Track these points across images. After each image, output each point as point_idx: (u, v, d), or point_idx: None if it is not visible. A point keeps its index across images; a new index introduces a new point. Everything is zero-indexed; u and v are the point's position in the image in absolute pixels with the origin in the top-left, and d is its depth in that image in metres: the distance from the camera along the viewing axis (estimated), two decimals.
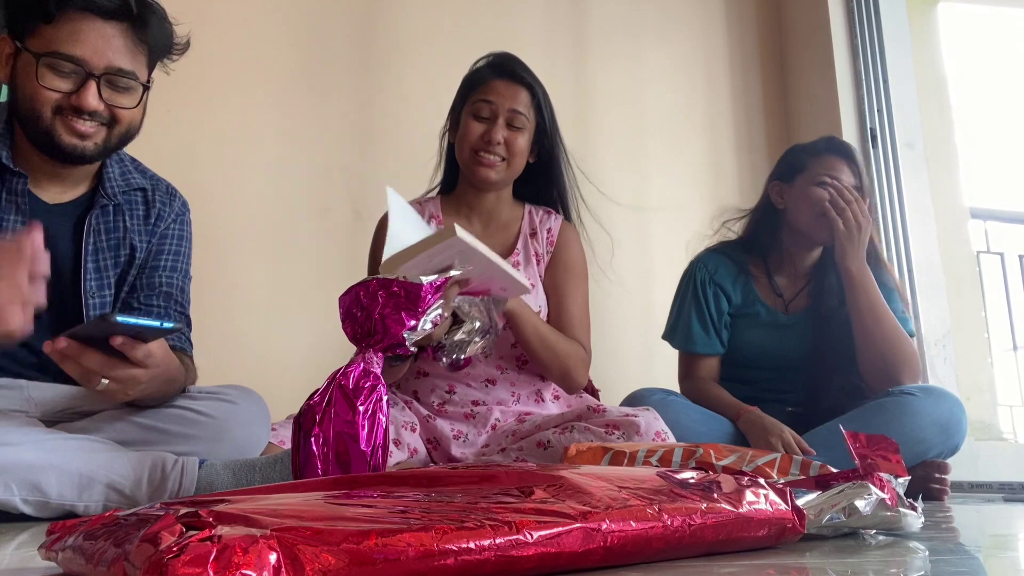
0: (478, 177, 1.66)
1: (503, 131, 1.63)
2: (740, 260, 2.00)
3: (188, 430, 1.32)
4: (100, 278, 1.39)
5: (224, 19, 2.32)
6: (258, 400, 1.43)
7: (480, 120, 1.64)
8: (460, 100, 1.73)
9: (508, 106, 1.63)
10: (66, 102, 1.27)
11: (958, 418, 1.76)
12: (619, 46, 2.91)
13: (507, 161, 1.65)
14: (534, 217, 1.77)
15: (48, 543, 0.68)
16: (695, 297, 1.97)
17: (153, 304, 1.44)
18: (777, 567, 0.72)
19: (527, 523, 0.62)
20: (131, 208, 1.44)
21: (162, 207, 1.48)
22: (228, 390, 1.41)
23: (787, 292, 1.97)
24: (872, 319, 1.83)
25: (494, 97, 1.63)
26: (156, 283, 1.44)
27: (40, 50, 1.25)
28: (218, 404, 1.36)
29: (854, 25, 2.88)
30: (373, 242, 1.78)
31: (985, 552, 0.90)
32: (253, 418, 1.39)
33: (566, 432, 1.53)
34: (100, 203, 1.40)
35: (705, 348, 1.95)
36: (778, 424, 1.71)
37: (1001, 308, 3.47)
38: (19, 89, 1.29)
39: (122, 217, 1.43)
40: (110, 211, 1.42)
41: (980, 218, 3.50)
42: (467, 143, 1.64)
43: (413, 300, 1.03)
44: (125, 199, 1.44)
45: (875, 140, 2.79)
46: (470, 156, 1.64)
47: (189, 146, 2.21)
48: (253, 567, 0.50)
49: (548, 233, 1.75)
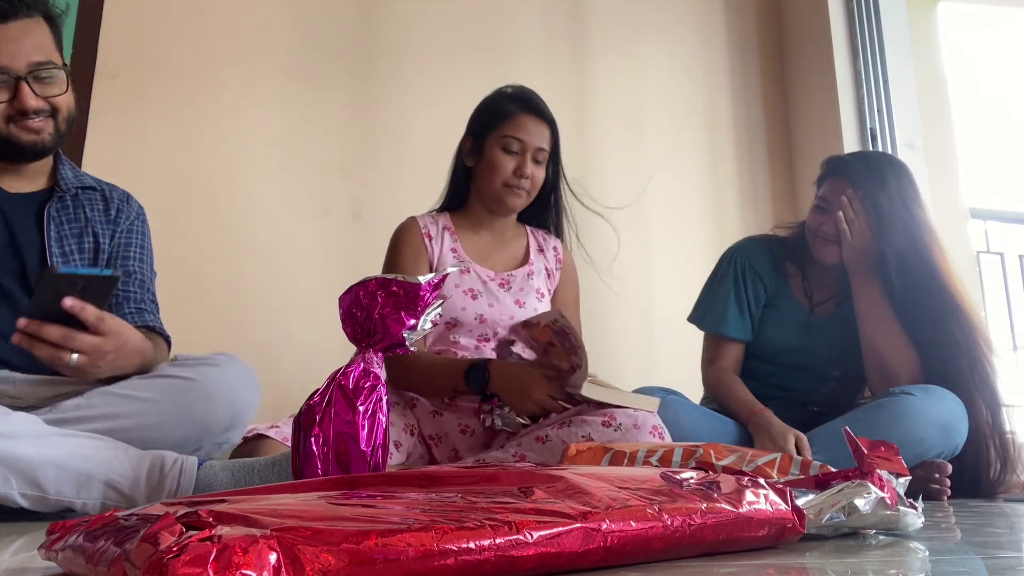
0: (507, 207, 1.78)
1: (531, 166, 1.75)
2: (779, 255, 2.02)
3: (178, 397, 1.34)
4: (68, 262, 1.44)
5: (224, 19, 2.32)
6: (244, 365, 1.44)
7: (510, 154, 1.74)
8: (483, 128, 1.79)
9: (536, 144, 1.75)
10: (10, 110, 1.36)
11: (958, 419, 1.76)
12: (619, 46, 2.91)
13: (528, 192, 1.78)
14: (536, 235, 1.89)
15: (48, 543, 0.68)
16: (734, 280, 1.98)
17: (130, 290, 1.49)
18: (777, 567, 0.72)
19: (527, 523, 0.62)
20: (90, 203, 1.52)
21: (121, 204, 1.55)
22: (214, 356, 1.43)
23: (817, 295, 1.99)
24: (873, 321, 1.85)
25: (525, 136, 1.74)
26: (130, 270, 1.51)
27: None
28: (204, 369, 1.38)
29: (854, 25, 2.89)
30: (393, 248, 1.80)
31: (985, 552, 0.90)
32: (240, 381, 1.41)
33: (564, 427, 1.55)
34: (58, 195, 1.47)
35: (737, 332, 1.96)
36: (787, 430, 1.71)
37: (1001, 308, 3.47)
38: None
39: (82, 209, 1.50)
40: (68, 202, 1.49)
41: (980, 218, 3.50)
42: (499, 176, 1.75)
43: (412, 299, 1.03)
44: (83, 194, 1.51)
45: (875, 140, 2.79)
46: (501, 188, 1.75)
47: (189, 146, 2.21)
48: (253, 567, 0.50)
49: (555, 252, 1.89)
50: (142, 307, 1.50)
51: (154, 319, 1.51)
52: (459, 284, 1.74)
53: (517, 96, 1.80)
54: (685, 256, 2.80)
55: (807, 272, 2.00)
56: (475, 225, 1.83)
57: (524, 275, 1.81)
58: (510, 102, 1.78)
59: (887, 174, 1.90)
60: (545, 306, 1.81)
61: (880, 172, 1.90)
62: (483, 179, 1.78)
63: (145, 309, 1.50)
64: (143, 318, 1.49)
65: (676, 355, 2.06)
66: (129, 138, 2.14)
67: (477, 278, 1.76)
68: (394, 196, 2.43)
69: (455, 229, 1.82)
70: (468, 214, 1.84)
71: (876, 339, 1.87)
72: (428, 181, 1.93)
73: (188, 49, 2.24)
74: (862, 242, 1.86)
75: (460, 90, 2.59)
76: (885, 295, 1.87)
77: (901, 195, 1.88)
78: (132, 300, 1.49)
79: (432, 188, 1.92)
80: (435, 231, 1.79)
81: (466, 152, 1.82)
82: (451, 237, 1.79)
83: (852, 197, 1.87)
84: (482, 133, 1.78)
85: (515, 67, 2.67)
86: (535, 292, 1.80)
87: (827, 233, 1.90)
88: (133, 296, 1.49)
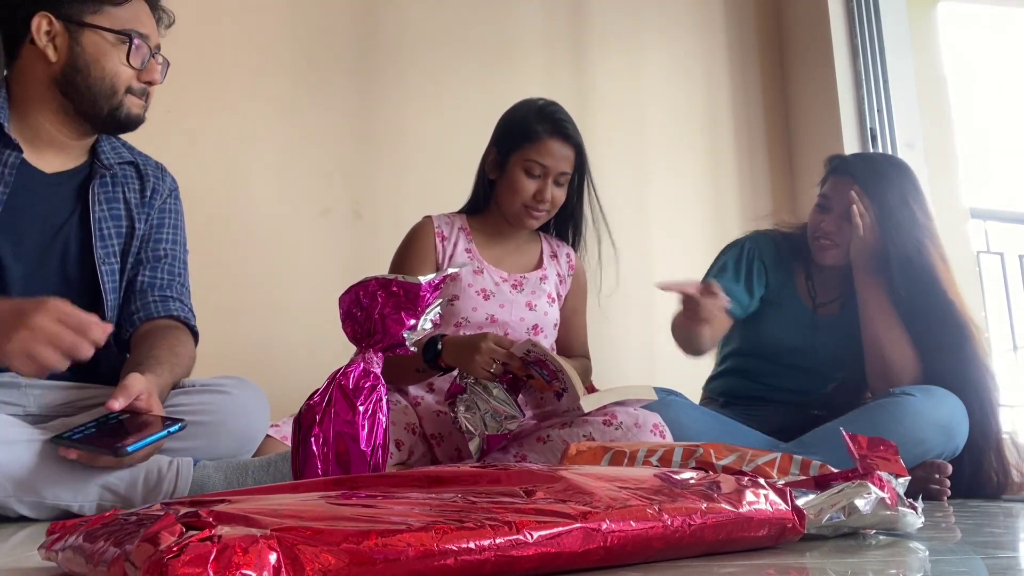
0: (524, 226, 1.80)
1: (551, 190, 1.75)
2: (787, 251, 2.01)
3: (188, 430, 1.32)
4: (106, 246, 1.43)
5: (224, 19, 2.32)
6: (255, 390, 1.42)
7: (532, 178, 1.74)
8: (507, 146, 1.77)
9: (559, 169, 1.74)
10: (135, 80, 1.39)
11: (959, 419, 1.76)
12: (619, 46, 2.91)
13: (549, 212, 1.79)
14: (551, 242, 1.90)
15: (48, 543, 0.68)
16: (738, 261, 1.97)
17: (158, 276, 1.47)
18: (777, 567, 0.72)
19: (527, 523, 0.62)
20: (128, 182, 1.49)
21: (156, 182, 1.53)
22: (224, 381, 1.41)
23: (821, 296, 1.98)
24: (875, 320, 1.85)
25: (549, 161, 1.73)
26: (160, 254, 1.49)
27: (116, 27, 1.35)
28: (213, 397, 1.36)
29: (854, 25, 2.88)
30: (402, 246, 1.80)
31: (985, 552, 0.90)
32: (250, 409, 1.39)
33: (565, 427, 1.55)
34: (100, 172, 1.45)
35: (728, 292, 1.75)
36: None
37: (1001, 308, 3.47)
38: (91, 66, 1.36)
39: (121, 190, 1.48)
40: (108, 181, 1.46)
41: (980, 218, 3.50)
42: (519, 198, 1.74)
43: (412, 299, 1.03)
44: (121, 171, 1.48)
45: (875, 140, 2.79)
46: (521, 209, 1.75)
47: (189, 146, 2.21)
48: (253, 567, 0.50)
49: (568, 258, 1.90)
50: (168, 294, 1.47)
51: (179, 307, 1.47)
52: (471, 284, 1.74)
53: (546, 116, 1.76)
54: (685, 256, 2.80)
55: (812, 272, 2.00)
56: (493, 231, 1.84)
57: (537, 279, 1.81)
58: (537, 123, 1.74)
59: (891, 174, 1.90)
60: (555, 311, 1.82)
61: (883, 172, 1.90)
62: (504, 196, 1.78)
63: (171, 296, 1.47)
64: (167, 307, 1.45)
65: (676, 355, 2.04)
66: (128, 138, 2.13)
67: (490, 279, 1.77)
68: (394, 196, 2.43)
69: (471, 231, 1.82)
70: (487, 220, 1.84)
71: (879, 337, 1.86)
72: (428, 181, 1.93)
73: (188, 49, 2.23)
74: (872, 237, 1.85)
75: (460, 90, 2.59)
76: (888, 294, 1.86)
77: (904, 196, 1.87)
78: (157, 287, 1.46)
79: (432, 188, 1.93)
80: (449, 231, 1.79)
81: (489, 165, 1.81)
82: (466, 238, 1.80)
83: (860, 192, 1.86)
84: (506, 150, 1.77)
85: (515, 67, 2.67)
86: (546, 296, 1.81)
87: (826, 232, 1.90)
88: (159, 282, 1.47)
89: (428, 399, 1.70)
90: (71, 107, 1.37)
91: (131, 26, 1.36)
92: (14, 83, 1.38)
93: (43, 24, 1.34)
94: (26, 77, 1.37)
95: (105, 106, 1.37)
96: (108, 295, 1.41)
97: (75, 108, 1.37)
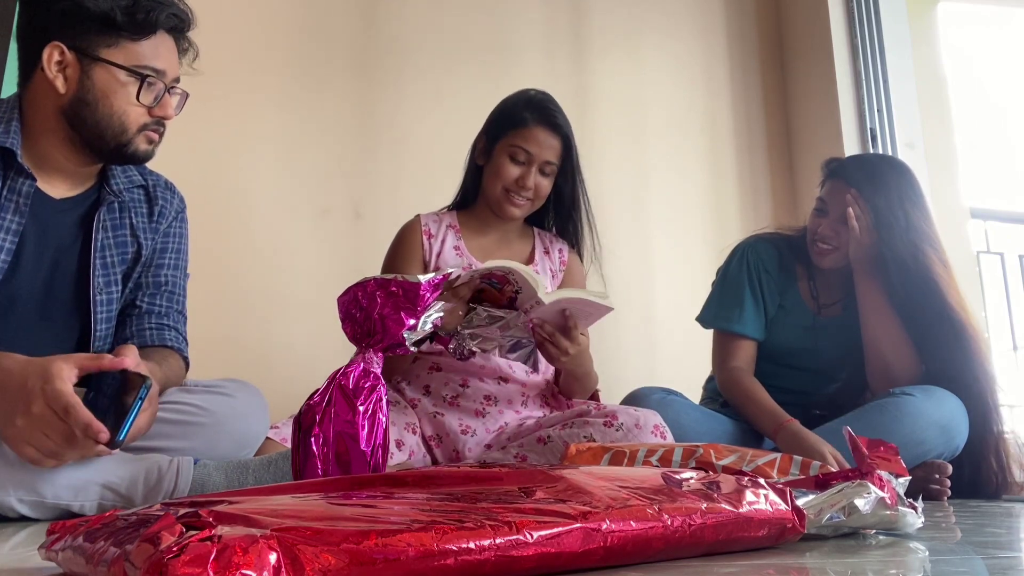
0: (506, 213, 1.77)
1: (535, 177, 1.73)
2: (787, 255, 2.01)
3: (184, 426, 1.32)
4: (107, 274, 1.41)
5: (224, 19, 2.32)
6: (255, 392, 1.42)
7: (516, 163, 1.73)
8: (495, 132, 1.77)
9: (544, 157, 1.73)
10: (148, 116, 1.35)
11: (959, 419, 1.76)
12: (619, 46, 2.91)
13: (532, 201, 1.77)
14: (544, 238, 1.88)
15: (48, 543, 0.68)
16: (748, 278, 1.97)
17: (156, 304, 1.45)
18: (777, 567, 0.72)
19: (527, 523, 0.62)
20: (135, 206, 1.47)
21: (164, 204, 1.50)
22: (225, 383, 1.41)
23: (823, 297, 1.99)
24: (874, 321, 1.86)
25: (534, 148, 1.72)
26: (160, 281, 1.47)
27: (129, 63, 1.31)
28: (214, 398, 1.36)
29: (854, 25, 2.89)
30: (391, 246, 1.80)
31: (985, 552, 0.90)
32: (250, 411, 1.39)
33: (566, 428, 1.55)
34: (107, 200, 1.42)
35: (755, 330, 1.94)
36: (819, 442, 1.65)
37: (1001, 308, 3.47)
38: (100, 102, 1.32)
39: (128, 215, 1.45)
40: (116, 208, 1.44)
41: (980, 218, 3.50)
42: (500, 182, 1.74)
43: (412, 300, 1.03)
44: (129, 196, 1.46)
45: (875, 140, 2.79)
46: (501, 194, 1.75)
47: (189, 146, 2.21)
48: (253, 567, 0.50)
49: (560, 254, 1.87)
50: (164, 323, 1.45)
51: (174, 336, 1.46)
52: None
53: (535, 105, 1.76)
54: (685, 256, 2.80)
55: (814, 274, 2.00)
56: (481, 224, 1.83)
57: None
58: (526, 110, 1.75)
59: (887, 176, 1.90)
60: None
61: (879, 174, 1.90)
62: (487, 181, 1.78)
63: (167, 326, 1.46)
64: (162, 336, 1.44)
65: (676, 355, 2.05)
66: None
67: None
68: (394, 196, 2.43)
69: (460, 227, 1.82)
70: (475, 213, 1.84)
71: (879, 337, 1.87)
72: (428, 181, 1.93)
73: None
74: (869, 239, 1.85)
75: (460, 90, 2.60)
76: (888, 295, 1.87)
77: (900, 198, 1.87)
78: (155, 314, 1.45)
79: (432, 188, 1.92)
80: (436, 229, 1.79)
81: (479, 151, 1.82)
82: (455, 235, 1.79)
83: (856, 195, 1.87)
84: (495, 136, 1.77)
85: (515, 67, 2.67)
86: None
87: (825, 236, 1.90)
88: (158, 310, 1.45)
89: (425, 401, 1.70)
90: (78, 138, 1.34)
91: (147, 62, 1.32)
92: (27, 107, 1.36)
93: (54, 54, 1.30)
94: (36, 104, 1.34)
95: (112, 142, 1.34)
96: (100, 325, 1.39)
97: (82, 140, 1.34)
